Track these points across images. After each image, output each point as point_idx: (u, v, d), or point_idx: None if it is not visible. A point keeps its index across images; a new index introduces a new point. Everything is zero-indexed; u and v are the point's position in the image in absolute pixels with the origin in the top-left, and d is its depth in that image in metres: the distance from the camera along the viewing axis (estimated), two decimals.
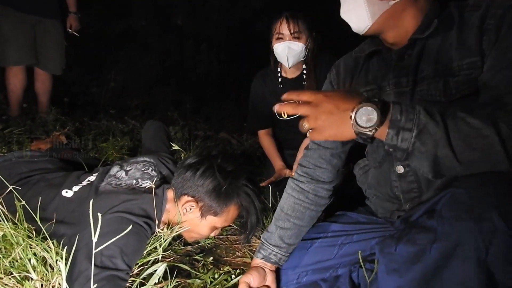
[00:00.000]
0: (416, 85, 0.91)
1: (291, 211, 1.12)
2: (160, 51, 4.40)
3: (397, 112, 0.70)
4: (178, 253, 1.31)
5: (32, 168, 1.34)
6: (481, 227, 0.65)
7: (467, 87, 0.83)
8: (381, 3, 0.87)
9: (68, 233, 1.07)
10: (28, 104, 2.69)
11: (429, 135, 0.69)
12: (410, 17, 0.89)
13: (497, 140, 0.66)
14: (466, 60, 0.83)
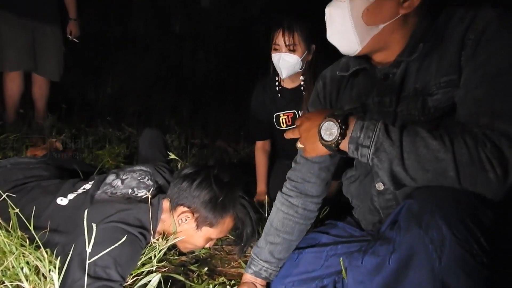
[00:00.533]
0: (397, 105, 0.91)
1: (281, 225, 1.13)
2: (158, 55, 4.41)
3: (358, 129, 0.76)
4: (173, 263, 1.30)
5: (27, 175, 1.33)
6: (431, 236, 0.66)
7: (446, 105, 0.82)
8: (370, 28, 0.86)
9: (62, 242, 1.07)
10: (24, 110, 2.68)
11: (384, 152, 0.72)
12: (398, 38, 0.88)
13: (452, 166, 0.67)
14: (444, 78, 0.82)
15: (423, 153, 0.69)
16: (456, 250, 0.64)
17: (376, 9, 0.84)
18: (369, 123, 0.76)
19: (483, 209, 0.67)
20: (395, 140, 0.71)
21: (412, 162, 0.70)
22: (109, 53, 4.14)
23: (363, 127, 0.75)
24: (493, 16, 0.77)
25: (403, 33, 0.88)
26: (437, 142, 0.69)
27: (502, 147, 0.66)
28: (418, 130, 0.72)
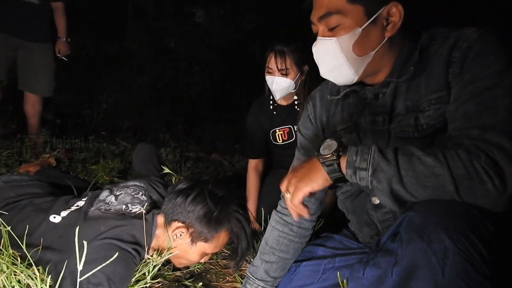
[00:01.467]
0: (390, 123, 0.92)
1: (276, 244, 1.13)
2: (153, 73, 4.44)
3: (353, 154, 0.78)
4: (167, 279, 1.29)
5: (19, 192, 1.32)
6: (434, 248, 0.67)
7: (438, 121, 0.85)
8: (362, 58, 0.88)
9: (54, 260, 1.05)
10: (17, 126, 2.67)
11: (382, 172, 0.74)
12: (387, 60, 0.91)
13: (450, 181, 0.68)
14: (434, 95, 0.84)
15: (420, 170, 0.70)
16: (459, 262, 0.64)
17: (364, 40, 0.85)
18: (363, 147, 0.78)
19: (483, 220, 0.68)
20: (391, 160, 0.73)
21: (411, 179, 0.71)
22: (104, 71, 4.17)
23: (358, 151, 0.77)
24: (476, 36, 0.81)
25: (390, 55, 0.91)
26: (432, 158, 0.70)
27: (496, 158, 0.68)
28: (411, 149, 0.74)
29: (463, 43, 0.81)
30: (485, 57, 0.78)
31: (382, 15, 0.84)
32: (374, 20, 0.84)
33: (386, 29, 0.86)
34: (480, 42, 0.80)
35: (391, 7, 0.84)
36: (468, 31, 0.83)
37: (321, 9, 0.87)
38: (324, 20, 0.87)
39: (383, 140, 0.95)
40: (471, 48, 0.80)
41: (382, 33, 0.86)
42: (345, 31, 0.85)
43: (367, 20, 0.84)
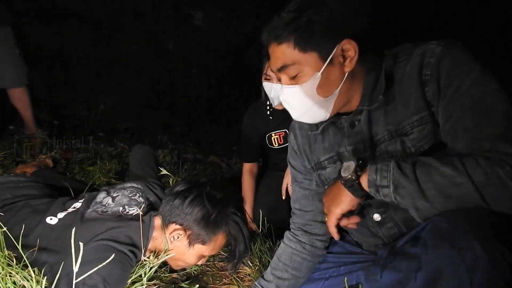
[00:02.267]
0: (374, 149, 0.92)
1: (289, 261, 1.14)
2: (151, 76, 4.44)
3: (373, 172, 0.79)
4: (164, 281, 1.28)
5: (16, 194, 1.32)
6: (463, 256, 0.66)
7: (424, 142, 0.85)
8: (328, 97, 0.88)
9: (50, 261, 1.05)
10: (14, 127, 2.66)
11: (403, 188, 0.74)
12: (355, 90, 0.91)
13: (473, 188, 0.68)
14: (415, 117, 0.84)
15: (439, 181, 0.71)
16: (489, 271, 0.63)
17: (326, 81, 0.86)
18: (382, 164, 0.79)
19: (505, 227, 0.68)
20: (409, 175, 0.74)
21: (433, 192, 0.71)
22: (102, 72, 4.17)
23: (377, 170, 0.78)
24: (441, 49, 0.81)
25: (357, 84, 0.91)
26: (450, 168, 0.71)
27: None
28: (429, 160, 0.74)
29: (430, 59, 0.81)
30: (460, 68, 0.78)
31: (337, 54, 0.84)
32: (330, 61, 0.84)
33: (344, 65, 0.85)
34: (447, 54, 0.80)
35: (344, 44, 0.83)
36: (431, 46, 0.83)
37: (278, 62, 0.88)
38: (283, 71, 0.88)
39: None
40: (441, 63, 0.80)
41: (342, 70, 0.86)
42: (306, 78, 0.86)
43: (324, 63, 0.84)
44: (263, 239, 1.56)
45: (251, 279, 1.38)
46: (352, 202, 0.85)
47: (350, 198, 0.85)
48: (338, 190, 0.86)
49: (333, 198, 0.88)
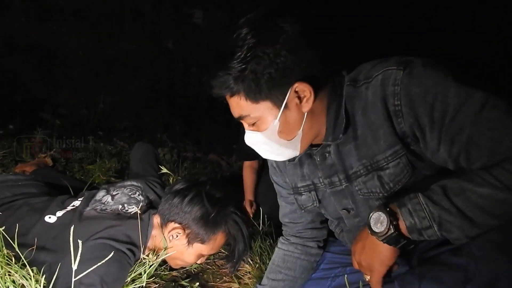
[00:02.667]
0: (351, 182, 0.90)
1: (282, 262, 1.13)
2: (150, 75, 4.43)
3: (408, 217, 0.73)
4: (164, 279, 1.28)
5: (15, 192, 1.31)
6: None
7: (402, 176, 0.83)
8: (293, 138, 0.86)
9: (48, 260, 1.04)
10: (14, 126, 2.66)
11: (449, 224, 0.70)
12: (320, 125, 0.88)
13: None
14: (389, 152, 0.82)
15: (483, 204, 0.67)
16: None
17: (286, 126, 0.84)
18: (411, 203, 0.74)
19: None
20: (449, 207, 0.69)
21: (481, 217, 0.68)
22: (102, 71, 4.16)
23: (411, 212, 0.73)
24: (403, 75, 0.75)
25: (320, 119, 0.87)
26: (485, 186, 0.67)
27: None
28: (458, 183, 0.70)
29: (395, 88, 0.76)
30: (433, 90, 0.73)
31: (291, 98, 0.80)
32: (285, 106, 0.81)
33: (302, 106, 0.82)
34: (413, 79, 0.75)
35: (296, 87, 0.80)
36: (391, 71, 0.77)
37: (234, 112, 0.86)
38: (241, 119, 0.87)
39: (347, 200, 0.95)
40: (410, 91, 0.75)
41: (300, 111, 0.83)
42: (265, 126, 0.84)
43: (279, 110, 0.81)
44: (264, 237, 1.56)
45: (251, 276, 1.38)
46: (395, 254, 0.80)
47: (392, 250, 0.79)
48: (374, 245, 0.79)
49: (371, 255, 0.81)
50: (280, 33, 0.77)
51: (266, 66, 0.77)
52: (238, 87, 0.79)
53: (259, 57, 0.76)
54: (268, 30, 0.77)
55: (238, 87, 0.79)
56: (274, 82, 0.78)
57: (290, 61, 0.77)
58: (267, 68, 0.77)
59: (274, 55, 0.76)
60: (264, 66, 0.77)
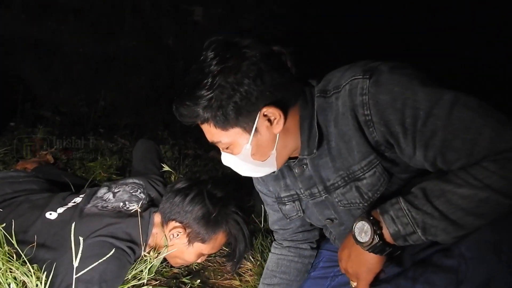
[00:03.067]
0: (330, 193, 0.91)
1: (276, 266, 1.14)
2: (150, 72, 4.43)
3: (391, 224, 0.73)
4: (165, 276, 1.28)
5: (16, 189, 1.31)
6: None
7: (379, 185, 0.83)
8: (268, 158, 0.87)
9: (48, 257, 1.04)
10: (15, 123, 2.66)
11: (433, 228, 0.69)
12: (295, 141, 0.88)
13: (500, 197, 0.64)
14: (363, 162, 0.82)
15: (465, 205, 0.66)
16: None
17: (258, 149, 0.84)
18: (394, 210, 0.73)
19: None
20: (431, 211, 0.69)
21: (465, 219, 0.67)
22: (102, 69, 4.15)
23: (393, 219, 0.73)
24: (370, 84, 0.74)
25: (294, 136, 0.87)
26: (466, 186, 0.66)
27: None
28: (437, 185, 0.70)
29: (364, 98, 0.75)
30: (402, 96, 0.71)
31: (260, 121, 0.81)
32: (256, 130, 0.81)
33: (273, 128, 0.82)
34: (380, 87, 0.73)
35: (265, 111, 0.80)
36: (357, 80, 0.76)
37: (207, 137, 0.87)
38: (215, 143, 0.87)
39: (329, 211, 0.95)
40: (379, 100, 0.73)
41: (272, 132, 0.83)
42: (237, 150, 0.85)
43: (250, 134, 0.82)
44: (265, 234, 1.55)
45: (253, 274, 1.38)
46: (381, 261, 0.80)
47: (378, 259, 0.79)
48: (360, 254, 0.80)
49: (357, 263, 0.81)
50: (242, 59, 0.77)
51: (230, 95, 0.77)
52: (207, 115, 0.80)
53: (223, 87, 0.77)
54: (230, 57, 0.77)
55: (206, 115, 0.80)
56: (241, 110, 0.78)
57: (254, 88, 0.77)
58: (232, 97, 0.77)
59: (237, 84, 0.77)
60: (228, 95, 0.77)
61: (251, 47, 0.78)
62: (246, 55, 0.77)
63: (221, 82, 0.76)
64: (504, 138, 0.64)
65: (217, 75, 0.76)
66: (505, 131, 0.65)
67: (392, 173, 0.83)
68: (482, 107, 0.68)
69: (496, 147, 0.64)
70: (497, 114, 0.67)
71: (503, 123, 0.65)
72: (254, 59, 0.77)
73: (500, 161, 0.64)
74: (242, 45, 0.79)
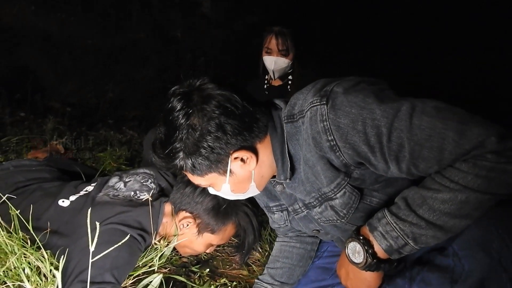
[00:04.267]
0: (310, 209, 0.94)
1: (279, 252, 1.17)
2: (158, 64, 4.44)
3: (382, 240, 0.75)
4: (174, 264, 1.30)
5: (29, 177, 1.33)
6: (505, 265, 0.65)
7: (352, 202, 0.85)
8: (250, 189, 0.91)
9: (61, 244, 1.06)
10: (25, 114, 2.69)
11: (423, 236, 0.71)
12: (271, 169, 0.91)
13: (479, 194, 0.66)
14: (332, 185, 0.84)
15: (448, 209, 0.68)
16: None
17: (237, 185, 0.89)
18: (382, 226, 0.75)
19: None
20: (417, 221, 0.71)
21: (451, 222, 0.69)
22: (110, 61, 4.17)
23: (383, 235, 0.75)
24: (327, 110, 0.75)
25: (270, 164, 0.90)
26: (444, 191, 0.67)
27: (487, 147, 0.64)
28: (417, 192, 0.72)
29: (325, 124, 0.76)
30: (360, 117, 0.72)
31: (233, 164, 0.84)
32: (230, 172, 0.85)
33: (248, 165, 0.85)
34: (338, 111, 0.74)
35: (235, 155, 0.83)
36: (315, 107, 0.77)
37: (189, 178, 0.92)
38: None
39: (313, 224, 0.99)
40: (339, 124, 0.74)
41: (246, 170, 0.86)
42: (218, 188, 0.91)
43: (226, 176, 0.86)
44: None
45: (260, 264, 1.39)
46: (379, 277, 0.83)
47: (376, 275, 0.81)
48: (357, 273, 0.82)
49: (356, 282, 0.84)
50: (202, 116, 0.79)
51: (198, 150, 0.81)
52: (182, 165, 0.85)
53: (190, 143, 0.81)
54: (192, 112, 0.80)
55: (182, 165, 0.85)
56: (210, 160, 0.82)
57: (217, 142, 0.81)
58: (199, 151, 0.81)
59: (200, 141, 0.80)
60: (195, 150, 0.81)
61: (211, 97, 0.80)
62: (205, 111, 0.79)
63: (187, 138, 0.80)
64: (467, 138, 0.65)
65: (183, 129, 0.80)
66: (466, 130, 0.65)
67: (361, 188, 0.86)
68: (440, 110, 0.69)
69: (462, 149, 0.65)
70: (456, 114, 0.68)
71: (463, 122, 0.66)
72: (214, 115, 0.79)
73: (470, 161, 0.65)
74: (203, 96, 0.80)
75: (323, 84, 0.81)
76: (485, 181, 0.64)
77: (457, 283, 0.71)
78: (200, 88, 0.82)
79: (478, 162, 0.64)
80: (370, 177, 0.83)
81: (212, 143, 0.80)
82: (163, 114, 0.85)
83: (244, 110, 0.81)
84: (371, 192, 0.87)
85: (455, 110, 0.69)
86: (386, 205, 0.80)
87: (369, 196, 0.87)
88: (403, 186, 0.80)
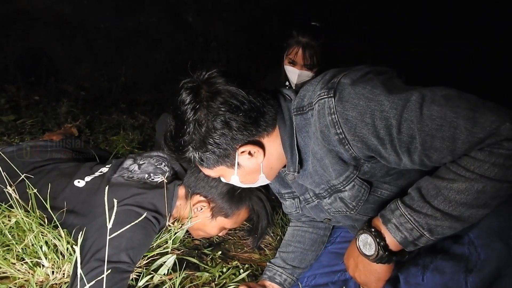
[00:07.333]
0: (320, 200, 0.95)
1: (291, 237, 1.18)
2: (170, 48, 4.42)
3: (397, 232, 0.73)
4: (187, 247, 1.31)
5: (45, 157, 1.35)
6: None
7: (361, 195, 0.85)
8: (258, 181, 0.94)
9: (76, 223, 1.08)
10: (40, 97, 2.72)
11: (439, 227, 0.70)
12: (280, 160, 0.91)
13: (497, 183, 0.64)
14: (341, 178, 0.83)
15: (465, 199, 0.66)
16: None
17: (246, 177, 0.91)
18: (395, 218, 0.73)
19: None
20: (433, 213, 0.69)
21: (468, 212, 0.67)
22: (122, 45, 4.16)
23: (398, 227, 0.73)
24: (335, 102, 0.73)
25: (279, 157, 0.90)
26: (461, 182, 0.65)
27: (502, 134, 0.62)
28: (432, 182, 0.70)
29: (332, 117, 0.74)
30: (369, 109, 0.71)
31: (241, 157, 0.85)
32: (238, 165, 0.87)
33: (255, 158, 0.86)
34: (346, 104, 0.73)
35: (242, 150, 0.84)
36: (323, 100, 0.75)
37: None
38: None
39: (324, 214, 0.99)
40: (346, 116, 0.73)
41: (254, 163, 0.87)
42: (227, 179, 0.94)
43: (234, 168, 0.88)
44: None
45: (272, 248, 1.40)
46: (390, 269, 0.81)
47: (386, 267, 0.80)
48: (367, 264, 0.81)
49: (366, 274, 0.83)
50: (208, 113, 0.80)
51: (205, 145, 0.83)
52: (192, 158, 0.87)
53: (198, 139, 0.83)
54: (199, 108, 0.80)
55: (192, 158, 0.87)
56: (218, 155, 0.85)
57: (223, 138, 0.81)
58: (206, 147, 0.83)
59: (207, 137, 0.82)
60: (203, 145, 0.83)
61: (217, 93, 0.80)
62: (211, 108, 0.80)
63: (194, 133, 0.82)
64: (480, 125, 0.63)
65: (190, 123, 0.82)
66: (479, 118, 0.63)
67: (371, 181, 0.85)
68: (450, 98, 0.66)
69: (476, 137, 0.63)
70: (467, 101, 0.65)
71: (475, 109, 0.64)
72: (220, 112, 0.79)
73: (486, 149, 0.63)
74: (210, 92, 0.81)
75: (331, 75, 0.80)
76: (503, 170, 0.63)
77: (472, 272, 0.70)
78: (208, 82, 0.82)
79: (495, 150, 0.63)
80: (381, 170, 0.82)
81: (218, 139, 0.82)
82: (173, 107, 0.86)
83: (250, 105, 0.81)
84: (381, 184, 0.86)
85: (466, 96, 0.67)
86: (397, 196, 0.78)
87: (380, 188, 0.86)
88: (415, 178, 0.79)
